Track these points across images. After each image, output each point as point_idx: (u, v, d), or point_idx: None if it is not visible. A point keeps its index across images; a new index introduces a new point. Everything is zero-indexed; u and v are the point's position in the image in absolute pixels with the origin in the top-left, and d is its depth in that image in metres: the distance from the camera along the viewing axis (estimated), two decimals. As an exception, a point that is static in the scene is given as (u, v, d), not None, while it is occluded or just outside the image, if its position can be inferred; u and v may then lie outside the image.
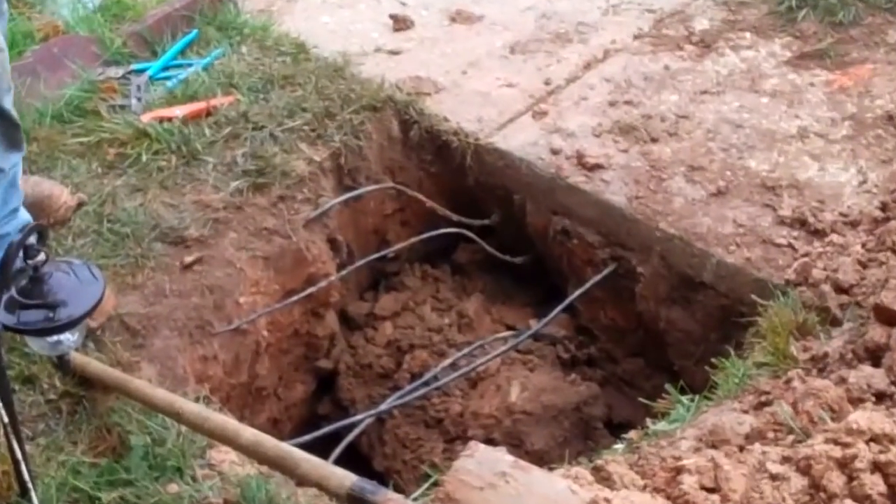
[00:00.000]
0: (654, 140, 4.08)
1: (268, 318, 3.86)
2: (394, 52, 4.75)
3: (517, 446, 3.88)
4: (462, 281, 4.56)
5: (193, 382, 3.42)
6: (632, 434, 3.13)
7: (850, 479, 2.34)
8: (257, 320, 3.79)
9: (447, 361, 4.01)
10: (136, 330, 3.43)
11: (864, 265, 3.35)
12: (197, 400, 3.09)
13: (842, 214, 3.59)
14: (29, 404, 3.14)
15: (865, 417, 2.47)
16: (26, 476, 2.63)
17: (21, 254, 2.50)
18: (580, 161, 3.99)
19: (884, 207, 3.56)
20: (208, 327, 3.61)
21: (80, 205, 3.77)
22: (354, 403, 4.23)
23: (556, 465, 2.90)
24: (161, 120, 4.15)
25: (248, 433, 2.71)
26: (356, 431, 3.72)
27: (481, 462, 2.20)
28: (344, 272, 4.15)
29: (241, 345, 3.77)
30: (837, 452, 2.39)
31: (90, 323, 3.12)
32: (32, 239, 2.50)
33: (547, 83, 4.48)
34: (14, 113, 3.19)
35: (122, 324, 3.42)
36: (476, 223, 4.40)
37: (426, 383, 3.91)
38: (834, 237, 3.50)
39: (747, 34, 4.66)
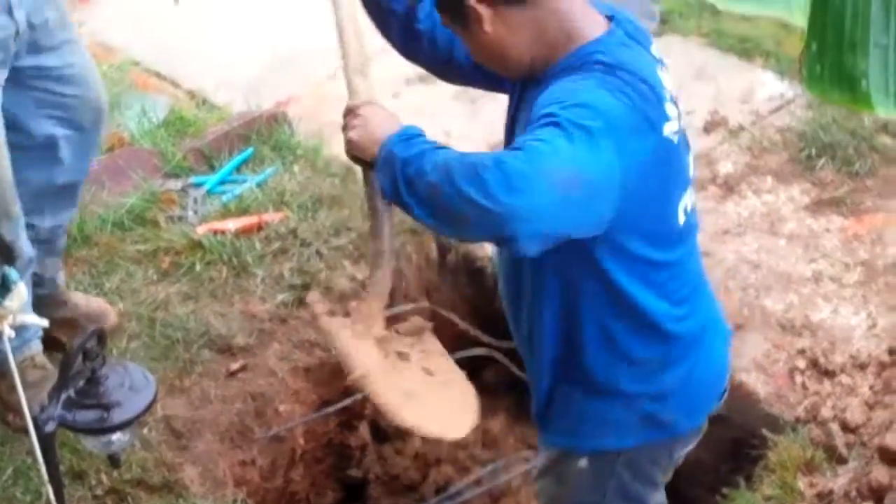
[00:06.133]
0: (675, 276, 4.12)
1: (305, 426, 3.90)
2: (434, 182, 4.81)
3: (537, 564, 3.89)
4: (489, 400, 4.57)
5: (232, 485, 3.46)
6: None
7: None
8: (295, 428, 3.84)
9: (472, 477, 4.03)
10: (181, 432, 3.49)
11: (870, 407, 3.40)
12: (234, 503, 3.13)
13: (851, 357, 3.62)
14: (77, 499, 3.20)
15: (868, 555, 2.51)
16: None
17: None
18: (601, 292, 4.04)
19: (891, 352, 3.60)
20: (249, 433, 3.66)
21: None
22: (381, 513, 4.25)
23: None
24: (215, 232, 4.24)
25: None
26: (383, 540, 3.73)
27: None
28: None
29: (278, 451, 3.81)
30: (840, 588, 2.43)
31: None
32: (92, 342, 2.56)
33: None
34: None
35: (167, 426, 3.49)
36: (504, 345, 4.43)
37: (451, 497, 3.92)
38: (843, 378, 3.54)
39: (768, 179, 4.66)
